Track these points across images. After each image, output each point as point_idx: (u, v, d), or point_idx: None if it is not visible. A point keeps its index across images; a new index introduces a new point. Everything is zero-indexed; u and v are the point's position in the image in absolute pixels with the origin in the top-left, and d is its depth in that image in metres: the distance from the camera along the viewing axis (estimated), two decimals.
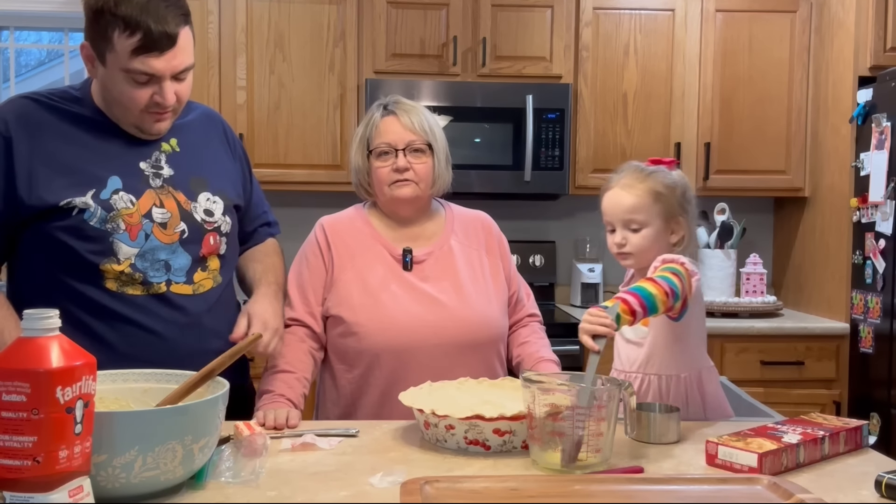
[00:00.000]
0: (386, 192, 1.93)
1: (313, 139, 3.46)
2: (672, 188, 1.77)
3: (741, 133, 3.61)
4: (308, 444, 1.51)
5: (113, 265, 1.66)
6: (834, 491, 1.32)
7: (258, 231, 1.99)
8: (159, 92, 1.64)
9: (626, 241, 1.77)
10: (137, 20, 1.58)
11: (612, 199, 1.79)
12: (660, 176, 1.78)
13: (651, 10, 3.57)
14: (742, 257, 3.65)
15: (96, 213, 1.65)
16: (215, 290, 1.77)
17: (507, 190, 3.49)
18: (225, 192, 1.82)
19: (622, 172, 1.82)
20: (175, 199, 1.73)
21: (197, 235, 1.74)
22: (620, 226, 1.78)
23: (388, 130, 1.92)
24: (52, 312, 1.09)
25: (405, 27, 3.46)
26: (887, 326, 3.03)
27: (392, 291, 1.89)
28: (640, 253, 1.76)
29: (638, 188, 1.77)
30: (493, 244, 2.03)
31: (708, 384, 1.78)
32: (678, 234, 1.78)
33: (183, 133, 1.81)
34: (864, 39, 3.23)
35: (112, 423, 1.16)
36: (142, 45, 1.59)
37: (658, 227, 1.76)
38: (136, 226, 1.68)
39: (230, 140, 1.93)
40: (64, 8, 3.76)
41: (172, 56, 1.62)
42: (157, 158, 1.75)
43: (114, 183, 1.68)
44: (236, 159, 1.92)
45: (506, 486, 1.25)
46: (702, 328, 1.81)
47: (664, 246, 1.77)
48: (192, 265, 1.73)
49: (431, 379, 1.73)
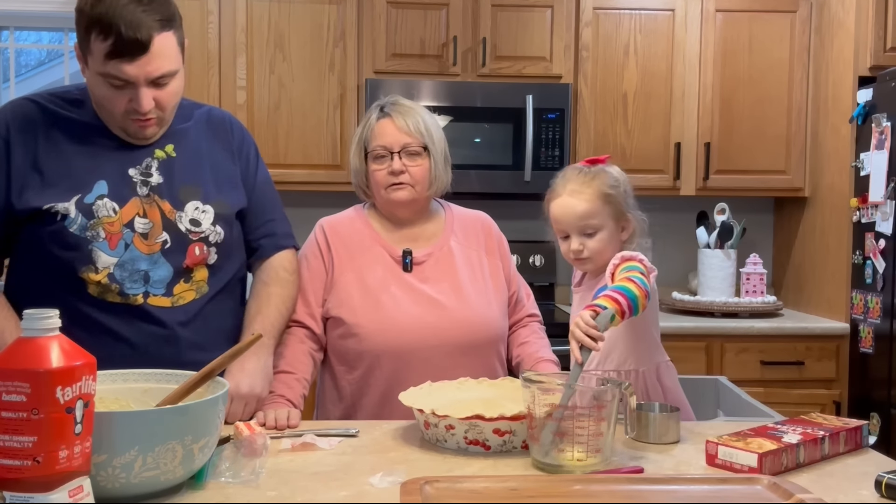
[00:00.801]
0: (382, 194, 1.92)
1: (313, 139, 3.46)
2: (617, 187, 1.80)
3: (741, 133, 3.61)
4: (308, 444, 1.51)
5: (91, 274, 1.65)
6: (834, 491, 1.32)
7: (262, 244, 1.87)
8: (135, 98, 1.61)
9: (584, 246, 1.80)
10: (109, 24, 1.55)
11: (563, 206, 1.81)
12: (604, 177, 1.80)
13: (651, 10, 3.57)
14: (742, 257, 3.65)
15: (77, 219, 1.64)
16: (197, 302, 1.72)
17: (507, 190, 3.49)
18: (222, 199, 1.77)
19: (565, 178, 1.83)
20: (159, 209, 1.69)
21: (180, 246, 1.70)
22: (576, 232, 1.80)
23: (383, 133, 1.91)
24: (53, 312, 1.09)
25: (405, 27, 3.46)
26: (887, 326, 3.03)
27: (392, 293, 1.89)
28: (597, 256, 1.79)
29: (587, 193, 1.78)
30: (492, 244, 2.03)
31: (666, 378, 1.81)
32: (628, 231, 1.82)
33: (181, 138, 1.77)
34: (864, 39, 3.23)
35: (112, 423, 1.16)
36: (113, 50, 1.56)
37: (611, 228, 1.80)
38: (116, 235, 1.65)
39: (236, 144, 1.86)
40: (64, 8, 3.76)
41: (146, 62, 1.58)
42: (147, 165, 1.71)
43: (100, 188, 1.66)
44: (237, 163, 1.85)
45: (506, 486, 1.25)
46: (656, 322, 1.84)
47: (617, 243, 1.81)
48: (173, 276, 1.69)
49: (432, 380, 1.73)
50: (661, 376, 1.80)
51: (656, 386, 1.79)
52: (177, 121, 1.78)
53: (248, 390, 1.68)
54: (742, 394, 1.97)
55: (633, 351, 1.77)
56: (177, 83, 1.67)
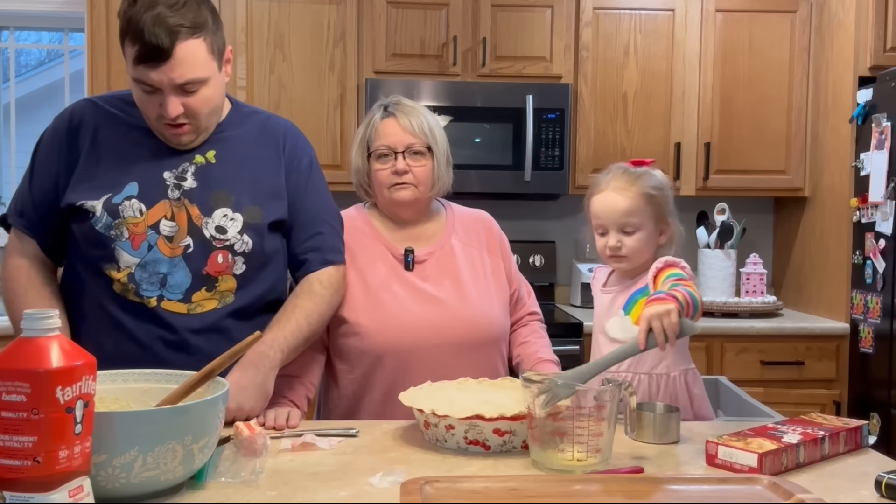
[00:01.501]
0: (385, 194, 1.92)
1: (313, 139, 3.37)
2: (660, 189, 1.81)
3: (741, 133, 3.61)
4: (308, 444, 1.51)
5: (114, 272, 1.68)
6: (834, 491, 1.32)
7: (308, 258, 1.80)
8: (163, 104, 1.63)
9: (622, 243, 1.79)
10: (136, 29, 1.57)
11: (606, 201, 1.80)
12: (649, 178, 1.81)
13: (651, 10, 3.57)
14: (742, 257, 3.65)
15: (102, 218, 1.67)
16: (217, 312, 1.70)
17: (507, 190, 3.49)
18: (256, 209, 1.73)
19: (610, 175, 1.83)
20: (187, 213, 1.69)
21: (202, 252, 1.69)
22: (615, 229, 1.79)
23: (387, 132, 1.91)
24: (52, 312, 1.09)
25: (405, 27, 3.46)
26: (887, 326, 3.03)
27: (394, 291, 1.89)
28: (635, 255, 1.79)
29: (631, 191, 1.79)
30: (493, 243, 2.03)
31: (693, 386, 1.81)
32: (667, 235, 1.82)
33: (224, 145, 1.76)
34: (864, 39, 3.23)
35: (112, 423, 1.16)
36: (139, 55, 1.58)
37: (650, 229, 1.80)
38: (140, 236, 1.67)
39: (287, 154, 1.82)
40: (64, 8, 3.76)
41: (170, 69, 1.59)
42: (183, 169, 1.72)
43: (130, 189, 1.69)
44: (284, 174, 1.79)
45: (506, 486, 1.25)
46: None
47: (653, 246, 1.81)
48: (192, 283, 1.68)
49: (434, 378, 1.73)
50: (689, 383, 1.79)
51: (684, 392, 1.78)
52: (227, 127, 1.79)
53: (235, 407, 1.58)
54: (742, 394, 1.96)
55: (666, 355, 1.75)
56: (208, 91, 1.66)
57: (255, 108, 1.93)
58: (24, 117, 3.94)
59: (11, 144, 3.91)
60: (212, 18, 1.65)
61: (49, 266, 1.79)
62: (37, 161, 1.78)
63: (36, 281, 1.74)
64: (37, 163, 1.78)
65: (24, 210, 1.77)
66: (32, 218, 1.76)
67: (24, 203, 1.78)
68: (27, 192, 1.78)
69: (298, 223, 1.81)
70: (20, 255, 1.76)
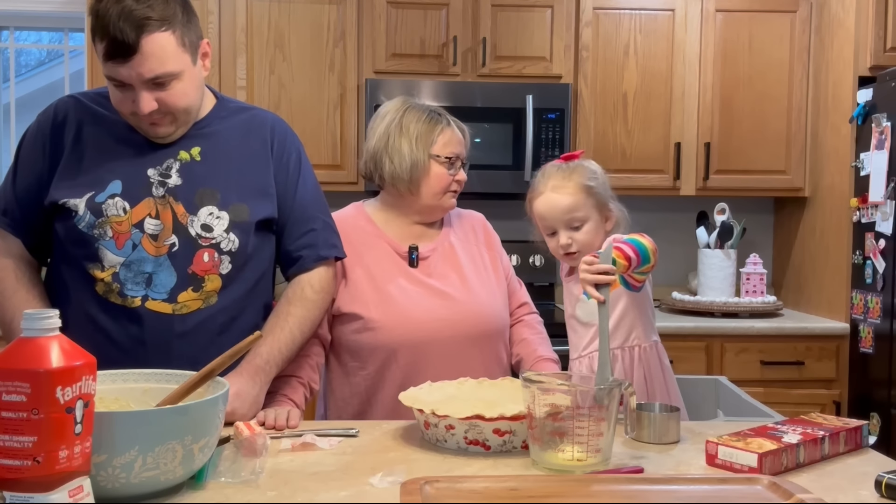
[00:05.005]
0: (436, 196, 1.95)
1: (313, 139, 3.46)
2: (596, 178, 1.85)
3: (741, 133, 3.61)
4: (308, 444, 1.51)
5: (97, 272, 1.65)
6: (834, 491, 1.32)
7: (302, 255, 1.78)
8: (136, 99, 1.60)
9: (572, 240, 1.84)
10: (102, 24, 1.54)
11: (548, 202, 1.85)
12: (582, 170, 1.85)
13: (651, 10, 3.57)
14: (742, 257, 3.65)
15: (85, 216, 1.64)
16: (202, 312, 1.67)
17: (507, 190, 3.48)
18: (244, 206, 1.71)
19: (546, 175, 1.88)
20: (172, 211, 1.66)
21: (188, 251, 1.66)
22: (563, 227, 1.84)
23: (453, 141, 1.95)
24: (52, 312, 1.09)
25: (405, 27, 3.46)
26: (887, 326, 3.03)
27: (403, 287, 1.91)
28: (586, 248, 1.82)
29: (569, 187, 1.83)
30: (490, 239, 2.09)
31: (664, 357, 1.88)
32: (612, 220, 1.87)
33: (209, 140, 1.73)
34: (864, 39, 3.23)
35: (112, 423, 1.16)
36: (106, 51, 1.56)
37: (596, 219, 1.85)
38: (124, 234, 1.64)
39: (275, 150, 1.78)
40: (64, 8, 3.76)
41: (137, 64, 1.55)
42: (168, 166, 1.68)
43: (114, 187, 1.66)
44: (273, 171, 1.77)
45: (506, 486, 1.25)
46: (651, 301, 1.90)
47: (602, 234, 1.85)
48: (178, 282, 1.65)
49: (446, 370, 1.77)
50: (660, 354, 1.87)
51: (657, 362, 1.84)
52: (212, 122, 1.75)
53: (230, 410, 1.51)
54: (742, 394, 1.97)
55: (636, 325, 1.82)
56: (182, 85, 1.62)
57: (242, 102, 1.90)
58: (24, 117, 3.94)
59: (11, 144, 3.91)
60: (182, 10, 1.61)
61: (35, 266, 1.77)
62: (21, 158, 1.74)
63: (24, 282, 1.71)
64: (21, 160, 1.74)
65: (8, 208, 1.73)
66: (16, 216, 1.73)
67: (7, 201, 1.74)
68: (11, 190, 1.74)
69: (291, 220, 1.78)
70: (5, 255, 1.72)
